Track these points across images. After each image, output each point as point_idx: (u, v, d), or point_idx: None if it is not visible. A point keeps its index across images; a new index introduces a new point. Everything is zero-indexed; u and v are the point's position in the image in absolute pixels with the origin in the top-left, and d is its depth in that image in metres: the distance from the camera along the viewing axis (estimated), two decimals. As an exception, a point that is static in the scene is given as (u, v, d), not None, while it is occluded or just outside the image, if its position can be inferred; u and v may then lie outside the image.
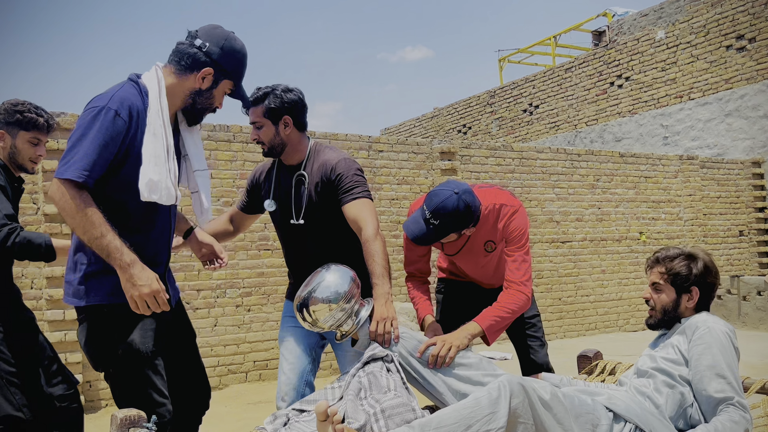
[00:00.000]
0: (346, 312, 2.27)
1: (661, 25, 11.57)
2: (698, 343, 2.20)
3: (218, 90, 2.25)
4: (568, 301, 8.36)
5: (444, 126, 15.72)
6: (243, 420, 4.81)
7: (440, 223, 2.53)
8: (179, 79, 2.20)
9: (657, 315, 2.39)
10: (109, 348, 2.10)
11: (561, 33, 14.55)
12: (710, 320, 2.26)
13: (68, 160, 2.01)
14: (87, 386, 5.36)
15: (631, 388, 2.27)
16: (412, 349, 2.29)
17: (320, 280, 2.27)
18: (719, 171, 9.80)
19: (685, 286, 2.34)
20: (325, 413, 1.77)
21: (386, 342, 2.26)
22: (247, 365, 6.12)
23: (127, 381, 2.12)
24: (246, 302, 6.15)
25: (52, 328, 5.17)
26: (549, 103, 13.43)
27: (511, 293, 2.63)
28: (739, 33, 10.34)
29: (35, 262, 5.23)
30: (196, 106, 2.25)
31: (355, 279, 2.30)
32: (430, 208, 2.54)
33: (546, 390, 1.95)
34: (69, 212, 2.01)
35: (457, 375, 2.26)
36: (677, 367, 2.23)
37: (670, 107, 11.30)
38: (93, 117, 2.03)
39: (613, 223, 8.82)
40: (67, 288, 2.16)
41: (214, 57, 2.18)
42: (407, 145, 7.36)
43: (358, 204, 2.49)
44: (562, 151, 8.54)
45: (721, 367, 2.13)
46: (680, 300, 2.35)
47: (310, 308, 2.25)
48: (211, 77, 2.20)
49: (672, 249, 2.41)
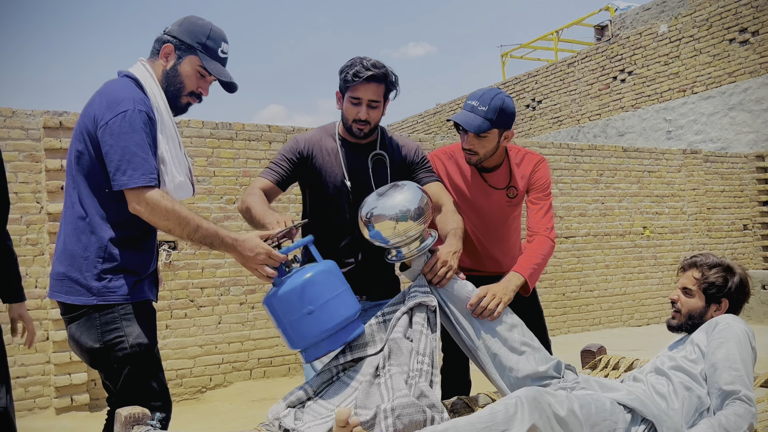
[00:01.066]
0: (416, 234, 2.20)
1: (663, 19, 11.54)
2: (716, 337, 2.21)
3: (184, 67, 2.20)
4: (572, 296, 8.35)
5: (447, 122, 15.70)
6: (248, 417, 4.82)
7: (488, 109, 2.58)
8: (152, 66, 2.21)
9: (681, 318, 2.39)
10: (117, 345, 2.09)
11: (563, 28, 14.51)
12: (731, 318, 2.28)
13: (126, 169, 2.00)
14: (92, 384, 5.37)
15: (649, 386, 2.26)
16: (457, 296, 2.28)
17: (396, 193, 2.19)
18: (723, 165, 9.77)
19: (717, 296, 2.35)
20: (345, 420, 1.76)
21: (441, 279, 2.25)
22: (252, 362, 6.13)
23: (135, 376, 2.12)
24: (250, 300, 6.15)
25: (57, 326, 5.18)
26: (552, 98, 13.40)
27: (540, 240, 2.69)
28: (742, 26, 10.30)
29: (39, 262, 5.25)
30: (169, 90, 2.21)
31: (428, 198, 2.25)
32: (476, 98, 2.62)
33: (563, 405, 1.94)
34: (159, 216, 2.02)
35: (498, 334, 2.28)
36: (696, 366, 2.23)
37: (673, 101, 11.27)
38: (130, 122, 2.02)
39: (617, 218, 8.80)
40: (67, 285, 2.11)
41: (173, 35, 2.19)
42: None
43: (439, 184, 2.62)
44: (565, 146, 8.53)
45: (734, 360, 2.13)
46: (708, 309, 2.37)
47: (392, 218, 2.14)
48: (173, 53, 2.19)
49: (711, 257, 2.42)
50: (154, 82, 2.17)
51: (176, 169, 2.12)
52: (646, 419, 2.10)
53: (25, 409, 5.12)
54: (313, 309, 2.04)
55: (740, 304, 2.39)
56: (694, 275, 2.39)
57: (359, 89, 2.38)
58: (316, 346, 2.10)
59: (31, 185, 5.28)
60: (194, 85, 2.23)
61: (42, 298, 5.24)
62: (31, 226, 5.24)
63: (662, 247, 9.14)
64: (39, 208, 5.30)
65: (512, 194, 2.84)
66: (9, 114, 5.26)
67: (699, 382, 2.19)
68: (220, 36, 2.24)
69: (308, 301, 2.04)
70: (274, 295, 2.08)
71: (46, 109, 5.34)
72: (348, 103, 2.43)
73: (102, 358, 2.12)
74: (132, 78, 2.15)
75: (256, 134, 6.28)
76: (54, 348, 5.19)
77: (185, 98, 2.24)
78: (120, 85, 2.12)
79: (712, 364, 2.17)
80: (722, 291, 2.35)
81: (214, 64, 2.22)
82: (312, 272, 2.08)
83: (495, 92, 2.63)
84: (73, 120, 5.38)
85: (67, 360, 5.18)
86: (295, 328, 2.06)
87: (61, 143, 5.29)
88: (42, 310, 5.23)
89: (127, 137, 2.01)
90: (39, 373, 5.20)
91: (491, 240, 2.94)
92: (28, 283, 5.20)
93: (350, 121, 2.45)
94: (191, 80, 2.22)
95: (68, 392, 5.20)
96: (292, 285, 2.06)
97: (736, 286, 2.36)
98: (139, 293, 2.14)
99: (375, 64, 2.39)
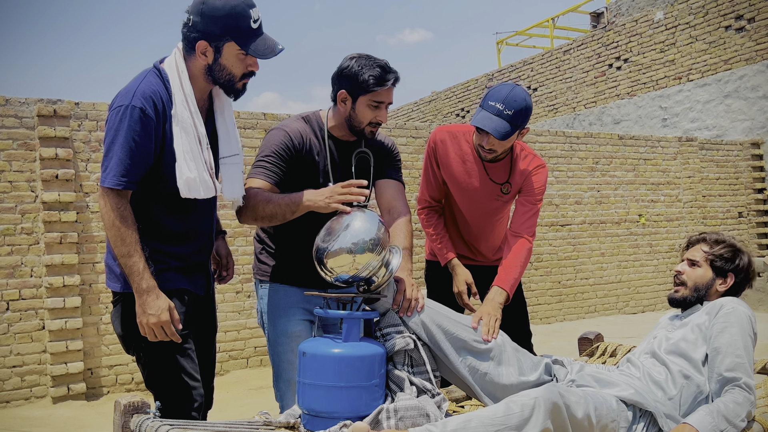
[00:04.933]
0: (381, 260, 2.07)
1: (659, 6, 11.50)
2: (720, 321, 2.19)
3: (226, 58, 2.10)
4: (568, 284, 8.37)
5: (442, 110, 15.66)
6: (245, 405, 4.83)
7: (514, 114, 2.55)
8: (190, 61, 2.13)
9: (686, 291, 2.36)
10: (134, 334, 2.09)
11: (559, 15, 14.47)
12: (735, 301, 2.26)
13: (105, 167, 2.01)
14: (89, 374, 5.37)
15: (644, 374, 2.23)
16: (440, 323, 2.18)
17: (347, 226, 2.05)
18: (718, 152, 9.79)
19: (724, 269, 2.34)
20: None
21: (410, 310, 2.15)
22: (248, 351, 6.13)
23: (157, 364, 2.11)
24: (246, 288, 6.15)
25: (53, 316, 5.17)
26: (547, 85, 13.38)
27: (522, 244, 2.71)
28: (738, 13, 10.28)
29: (35, 251, 5.22)
30: (218, 81, 2.14)
31: (383, 222, 2.13)
32: (500, 100, 2.57)
33: (579, 407, 1.91)
34: (106, 223, 2.02)
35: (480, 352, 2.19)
36: (696, 348, 2.21)
37: (669, 89, 11.26)
38: (120, 118, 2.00)
39: (613, 206, 8.81)
40: (108, 271, 2.18)
41: (200, 28, 2.07)
42: (405, 129, 7.33)
43: (400, 186, 2.54)
44: (561, 133, 8.52)
45: (737, 346, 2.13)
46: (714, 282, 2.34)
47: (356, 256, 2.01)
48: (210, 49, 2.09)
49: (722, 235, 2.41)
50: (178, 76, 2.09)
51: (187, 165, 2.05)
52: (646, 411, 2.10)
53: (21, 398, 5.12)
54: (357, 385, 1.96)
55: (743, 285, 2.37)
56: (702, 248, 2.38)
57: (383, 94, 2.32)
58: (321, 419, 1.98)
59: (26, 174, 5.25)
60: (242, 69, 2.14)
61: (38, 287, 5.22)
62: (25, 215, 5.21)
63: (658, 234, 9.16)
64: (33, 197, 5.27)
65: (506, 190, 2.83)
66: (2, 102, 5.22)
67: (698, 369, 2.17)
68: (246, 6, 2.08)
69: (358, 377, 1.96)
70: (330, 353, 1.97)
71: (40, 97, 5.30)
72: (364, 107, 2.33)
73: (125, 346, 2.17)
74: (157, 69, 2.10)
75: (251, 122, 6.26)
76: (50, 337, 5.17)
77: (240, 83, 2.17)
78: (139, 78, 2.09)
79: (714, 348, 2.16)
80: (730, 265, 2.34)
81: (253, 44, 2.10)
82: (369, 351, 2.00)
83: (519, 93, 2.59)
84: (67, 108, 5.34)
85: (64, 349, 5.17)
86: (322, 394, 1.96)
87: (56, 131, 5.26)
88: (38, 299, 5.22)
89: (114, 134, 2.00)
90: (35, 362, 5.19)
91: (477, 224, 2.94)
92: (23, 272, 5.19)
93: (365, 123, 2.36)
94: (237, 67, 2.13)
95: (65, 381, 5.19)
96: (355, 352, 1.97)
97: (745, 264, 2.35)
98: (166, 281, 2.10)
99: (390, 66, 2.34)
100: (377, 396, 2.01)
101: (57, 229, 5.25)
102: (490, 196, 2.85)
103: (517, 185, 2.83)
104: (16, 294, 5.16)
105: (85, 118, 5.51)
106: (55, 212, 5.24)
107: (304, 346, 2.03)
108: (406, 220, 2.43)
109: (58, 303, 5.19)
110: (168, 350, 2.10)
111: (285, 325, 2.44)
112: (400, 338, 2.10)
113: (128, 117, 1.99)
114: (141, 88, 2.04)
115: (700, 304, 2.34)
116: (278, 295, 2.49)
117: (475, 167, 2.81)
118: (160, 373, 2.12)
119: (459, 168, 2.82)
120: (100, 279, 5.46)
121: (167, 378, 2.11)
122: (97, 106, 5.56)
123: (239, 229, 6.14)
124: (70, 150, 5.34)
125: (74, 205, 5.34)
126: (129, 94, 2.02)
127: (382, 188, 2.51)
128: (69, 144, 5.35)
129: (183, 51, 2.14)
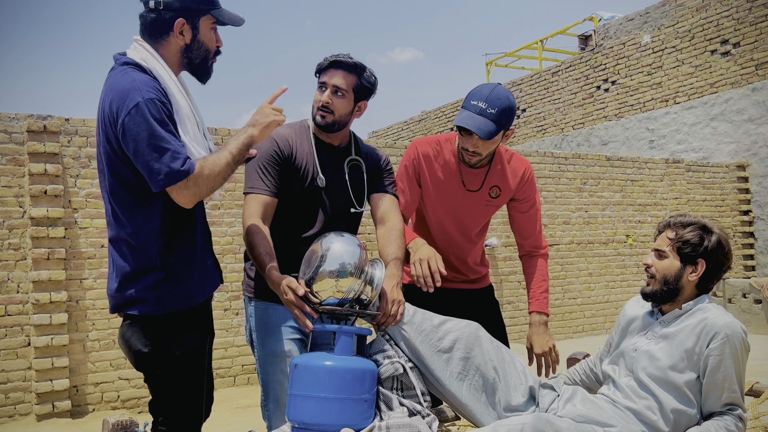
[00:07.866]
0: (359, 286, 2.07)
1: (646, 30, 11.66)
2: (715, 354, 2.03)
3: (203, 33, 2.06)
4: (556, 303, 8.39)
5: (432, 129, 15.74)
6: (232, 424, 4.79)
7: (497, 112, 2.47)
8: (162, 48, 2.03)
9: (656, 285, 2.17)
10: (165, 350, 2.02)
11: (548, 37, 14.62)
12: (728, 325, 2.05)
13: (161, 166, 1.87)
14: (74, 391, 5.32)
15: (635, 411, 2.11)
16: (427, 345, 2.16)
17: (327, 251, 2.07)
18: (704, 174, 9.89)
19: (692, 256, 2.13)
20: None
21: (386, 325, 2.16)
22: (236, 369, 6.10)
23: (174, 382, 2.05)
24: (234, 306, 6.12)
25: (38, 332, 5.13)
26: (536, 106, 13.49)
27: (543, 264, 2.85)
28: (723, 38, 10.44)
29: (21, 266, 5.19)
30: (194, 61, 2.08)
31: (361, 244, 2.14)
32: (483, 98, 2.48)
33: None
34: (210, 178, 1.95)
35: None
36: (685, 375, 2.07)
37: (656, 111, 11.39)
38: (143, 116, 1.87)
39: (600, 227, 8.87)
40: (119, 299, 2.04)
41: (176, 6, 2.00)
42: (395, 148, 7.38)
43: (393, 199, 2.56)
44: (550, 154, 8.59)
45: (732, 381, 2.04)
46: (683, 271, 2.14)
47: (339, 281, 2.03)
48: (188, 27, 2.02)
49: (687, 216, 2.20)
50: (158, 62, 2.00)
51: (195, 151, 1.99)
52: None
53: (5, 416, 5.06)
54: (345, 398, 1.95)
55: (719, 267, 2.16)
56: (668, 236, 2.17)
57: (325, 74, 2.39)
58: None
59: (14, 189, 5.23)
60: (214, 44, 2.11)
61: (24, 303, 5.18)
62: (13, 231, 5.19)
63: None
64: (22, 212, 5.25)
65: (495, 194, 2.74)
66: (-8, 117, 5.21)
67: (689, 400, 2.07)
68: None
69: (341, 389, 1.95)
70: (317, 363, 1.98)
71: (30, 113, 5.30)
72: (316, 91, 2.42)
73: (137, 359, 2.07)
74: (132, 64, 1.98)
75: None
76: (36, 354, 5.13)
77: (211, 61, 2.13)
78: (123, 77, 1.95)
79: (710, 382, 2.05)
80: (697, 250, 2.12)
81: (226, 13, 2.08)
82: (360, 366, 2.00)
83: (501, 92, 2.51)
84: (57, 124, 5.34)
85: (49, 366, 5.13)
86: (312, 405, 1.96)
87: (45, 147, 5.25)
88: (24, 315, 5.18)
89: (150, 131, 1.87)
90: (20, 379, 5.14)
91: (461, 239, 2.82)
92: (9, 287, 5.15)
93: (315, 108, 2.42)
94: (211, 41, 2.09)
95: (50, 399, 5.14)
96: (344, 365, 1.98)
97: (714, 246, 2.12)
98: (208, 284, 2.13)
99: (346, 54, 2.40)
100: (368, 414, 2.00)
101: (45, 245, 5.23)
102: (479, 202, 2.75)
103: (509, 189, 2.74)
104: (2, 310, 5.13)
105: (75, 134, 5.50)
106: (43, 228, 5.22)
107: (297, 360, 2.03)
108: (400, 232, 2.46)
109: (44, 319, 5.15)
110: (192, 366, 2.06)
111: (274, 344, 2.42)
112: (389, 364, 2.10)
113: (152, 109, 1.88)
114: (139, 83, 1.92)
115: (674, 299, 2.17)
116: (267, 313, 2.47)
117: (458, 175, 2.72)
118: (179, 392, 2.06)
119: (443, 177, 2.72)
120: (88, 295, 5.42)
121: (186, 396, 2.07)
122: (87, 122, 5.55)
123: (228, 246, 6.13)
124: (60, 166, 5.33)
125: (62, 221, 5.32)
126: (134, 91, 1.90)
127: (377, 202, 2.54)
128: (58, 160, 5.34)
129: (149, 40, 2.04)
